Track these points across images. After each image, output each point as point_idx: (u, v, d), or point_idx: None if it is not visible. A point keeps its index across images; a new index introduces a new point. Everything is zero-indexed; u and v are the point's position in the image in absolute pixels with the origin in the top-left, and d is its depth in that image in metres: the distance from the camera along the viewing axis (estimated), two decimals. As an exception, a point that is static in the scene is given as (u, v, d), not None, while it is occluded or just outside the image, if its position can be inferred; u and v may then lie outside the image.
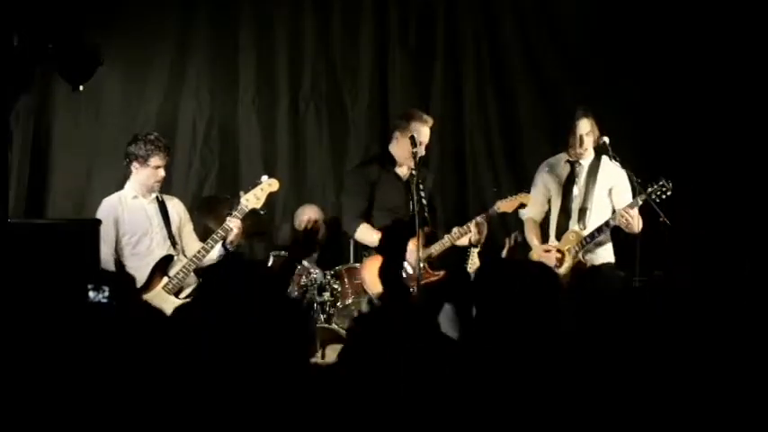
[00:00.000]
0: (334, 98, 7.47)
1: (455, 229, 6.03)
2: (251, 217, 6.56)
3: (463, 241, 6.07)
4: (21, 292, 4.44)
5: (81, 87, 5.58)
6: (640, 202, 5.99)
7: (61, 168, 7.13)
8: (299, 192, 7.41)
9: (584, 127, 6.20)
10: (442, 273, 5.93)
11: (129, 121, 7.14)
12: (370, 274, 6.00)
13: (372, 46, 7.46)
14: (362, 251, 6.35)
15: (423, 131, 6.07)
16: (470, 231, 5.95)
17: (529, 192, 6.15)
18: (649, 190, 5.95)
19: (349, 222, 6.21)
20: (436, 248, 6.05)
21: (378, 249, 5.89)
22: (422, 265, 5.87)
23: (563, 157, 6.37)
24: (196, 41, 7.32)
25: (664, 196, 5.95)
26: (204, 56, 7.33)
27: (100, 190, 6.85)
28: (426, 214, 5.82)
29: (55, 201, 7.09)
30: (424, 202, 5.87)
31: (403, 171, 6.24)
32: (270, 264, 6.55)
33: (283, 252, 6.67)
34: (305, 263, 6.59)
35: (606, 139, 6.19)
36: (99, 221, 5.71)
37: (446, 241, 6.02)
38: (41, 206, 7.02)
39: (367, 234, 6.11)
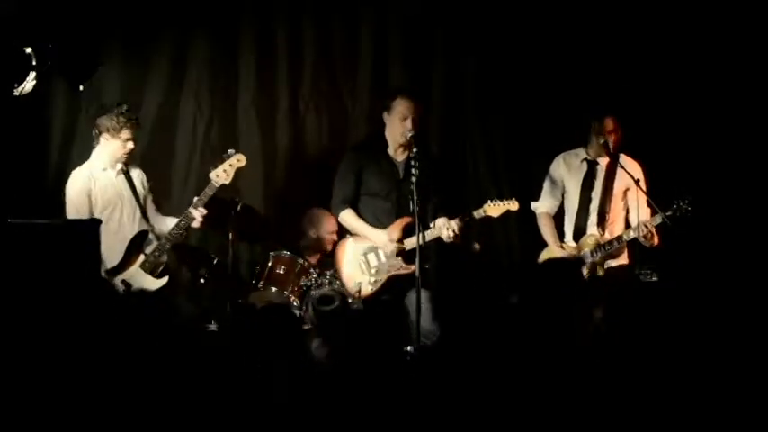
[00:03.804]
0: (335, 98, 7.47)
1: (438, 223, 5.97)
2: (252, 218, 6.57)
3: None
4: (21, 292, 4.43)
5: (81, 87, 5.58)
6: (659, 220, 5.93)
7: (61, 168, 7.12)
8: (299, 192, 7.40)
9: (609, 125, 6.20)
10: (412, 267, 5.91)
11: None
12: (341, 252, 6.12)
13: (372, 46, 7.46)
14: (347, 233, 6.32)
15: (407, 105, 6.03)
16: (448, 230, 5.89)
17: (517, 199, 6.07)
18: (674, 207, 5.89)
19: (336, 206, 6.22)
20: (412, 241, 5.97)
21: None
22: (395, 257, 5.92)
23: (580, 153, 6.33)
24: (196, 42, 7.31)
25: (686, 214, 5.87)
26: (204, 56, 7.32)
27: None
28: (415, 205, 5.75)
29: (55, 201, 7.07)
30: (413, 188, 5.80)
31: (399, 156, 6.14)
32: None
33: (285, 252, 6.66)
34: (303, 261, 6.59)
35: (603, 139, 6.20)
36: (99, 221, 5.70)
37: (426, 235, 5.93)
38: (42, 206, 7.00)
39: (350, 220, 6.11)
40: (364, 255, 6.07)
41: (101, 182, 6.10)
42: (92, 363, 3.58)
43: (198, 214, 6.02)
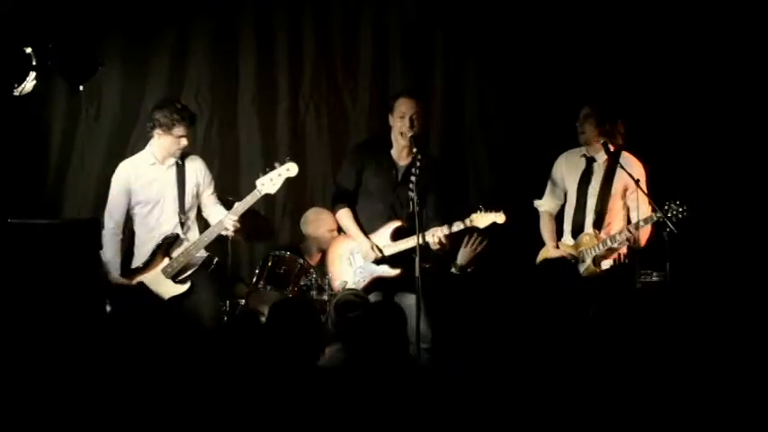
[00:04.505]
0: (335, 98, 7.47)
1: (430, 231, 5.95)
2: (252, 218, 6.56)
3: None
4: (21, 291, 4.44)
5: (81, 87, 5.57)
6: (655, 219, 5.89)
7: (61, 168, 7.13)
8: (299, 193, 7.40)
9: (584, 114, 6.20)
10: (398, 271, 5.92)
11: (129, 122, 7.15)
12: (332, 249, 6.11)
13: (372, 47, 7.46)
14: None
15: (403, 104, 6.02)
16: (434, 236, 5.86)
17: (505, 211, 6.04)
18: (665, 208, 5.85)
19: (334, 203, 6.21)
20: (401, 246, 5.98)
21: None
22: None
23: (580, 150, 6.32)
24: (196, 42, 7.32)
25: (680, 216, 5.83)
26: (204, 56, 7.33)
27: (100, 189, 6.85)
28: (415, 206, 5.74)
29: (55, 201, 7.09)
30: (412, 194, 5.79)
31: (402, 159, 6.13)
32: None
33: (285, 252, 6.66)
34: (303, 261, 6.59)
35: (603, 140, 6.18)
36: (98, 221, 5.70)
37: (413, 241, 5.87)
38: (42, 206, 7.02)
39: (344, 219, 6.11)
40: (352, 254, 6.08)
41: (146, 176, 5.95)
42: (90, 363, 3.57)
43: (231, 223, 5.88)
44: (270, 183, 5.91)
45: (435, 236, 5.84)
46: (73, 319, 4.26)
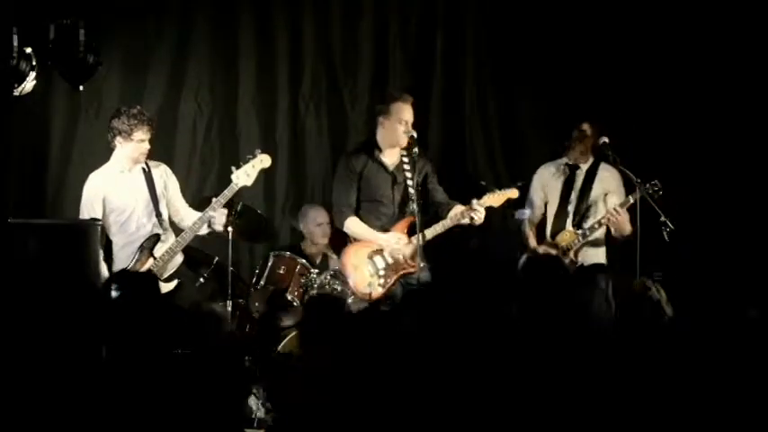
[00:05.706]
0: (335, 98, 7.47)
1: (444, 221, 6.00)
2: (252, 218, 6.55)
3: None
4: (21, 292, 4.44)
5: (81, 87, 5.58)
6: (632, 201, 6.04)
7: (61, 168, 7.12)
8: (299, 192, 7.40)
9: (585, 130, 6.29)
10: (421, 265, 5.95)
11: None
12: (347, 258, 6.12)
13: (373, 46, 7.46)
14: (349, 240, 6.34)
15: (405, 110, 6.06)
16: (463, 213, 5.91)
17: (518, 187, 6.14)
18: (643, 188, 5.99)
19: (339, 214, 6.22)
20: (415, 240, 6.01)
21: None
22: (400, 256, 5.94)
23: (562, 161, 6.46)
24: (196, 42, 7.31)
25: (656, 196, 5.97)
26: (204, 56, 7.33)
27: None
28: (414, 206, 5.78)
29: (55, 201, 7.08)
30: (411, 191, 5.83)
31: (390, 159, 6.17)
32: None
33: (285, 252, 6.66)
34: (303, 261, 6.59)
35: (605, 139, 6.23)
36: (99, 221, 5.70)
37: (435, 229, 5.97)
38: (41, 206, 7.01)
39: (355, 227, 6.11)
40: (370, 258, 6.08)
41: (117, 185, 6.05)
42: (90, 363, 3.58)
43: (208, 216, 5.97)
44: (245, 176, 5.99)
45: (465, 214, 5.90)
46: (73, 319, 4.26)
